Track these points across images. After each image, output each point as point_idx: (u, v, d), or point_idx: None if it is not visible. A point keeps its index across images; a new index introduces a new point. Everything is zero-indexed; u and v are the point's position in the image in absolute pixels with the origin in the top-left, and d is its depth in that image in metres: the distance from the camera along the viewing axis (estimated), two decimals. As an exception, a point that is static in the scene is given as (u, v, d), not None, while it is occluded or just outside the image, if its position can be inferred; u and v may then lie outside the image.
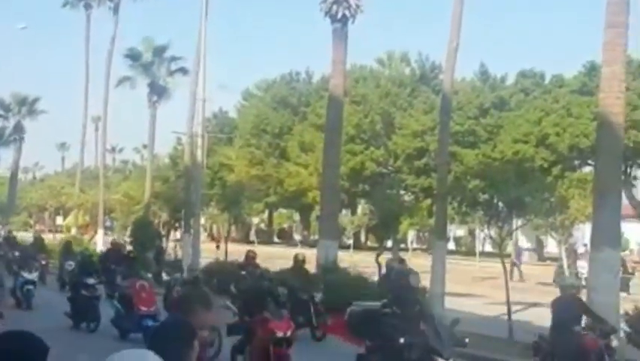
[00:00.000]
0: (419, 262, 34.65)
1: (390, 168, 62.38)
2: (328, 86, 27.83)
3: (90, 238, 46.74)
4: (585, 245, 33.55)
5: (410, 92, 64.14)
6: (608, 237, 15.00)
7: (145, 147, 69.01)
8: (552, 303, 11.80)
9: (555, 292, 19.63)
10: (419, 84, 65.14)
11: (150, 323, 14.45)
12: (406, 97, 63.48)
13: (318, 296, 16.94)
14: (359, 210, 65.04)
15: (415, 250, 50.77)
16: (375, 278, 20.38)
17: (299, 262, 18.05)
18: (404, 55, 68.69)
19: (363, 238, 65.52)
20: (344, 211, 58.04)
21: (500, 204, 16.92)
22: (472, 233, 62.45)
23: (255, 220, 79.46)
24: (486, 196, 17.36)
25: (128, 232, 39.83)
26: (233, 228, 55.55)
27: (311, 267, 22.30)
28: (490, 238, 18.02)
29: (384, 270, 17.77)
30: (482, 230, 22.57)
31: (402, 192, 54.84)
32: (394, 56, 68.91)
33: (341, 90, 24.60)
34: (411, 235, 55.90)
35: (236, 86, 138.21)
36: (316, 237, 39.65)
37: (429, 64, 67.06)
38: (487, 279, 30.99)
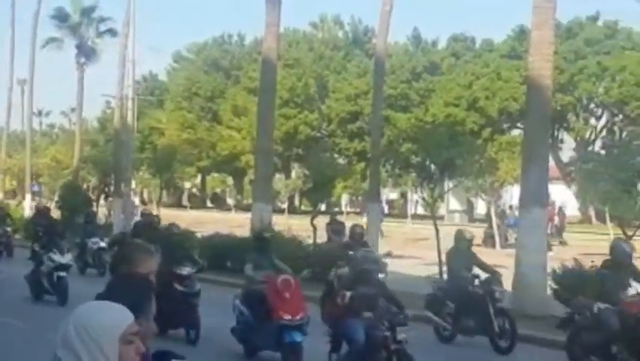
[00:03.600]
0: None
1: (323, 131, 62.50)
2: (261, 49, 27.61)
3: (17, 203, 45.74)
4: (511, 207, 34.30)
5: (344, 55, 64.15)
6: (535, 198, 15.35)
7: (73, 110, 67.51)
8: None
9: (485, 253, 20.05)
10: (352, 48, 65.17)
11: (297, 337, 10.38)
12: (339, 60, 63.50)
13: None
14: (293, 174, 65.09)
15: (348, 213, 51.14)
16: (310, 241, 20.49)
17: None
18: (337, 18, 68.60)
19: (297, 202, 65.67)
20: (278, 175, 58.01)
21: (432, 166, 17.16)
22: (404, 196, 63.19)
23: (188, 185, 78.91)
24: (418, 159, 17.57)
25: (56, 197, 39.13)
26: (164, 193, 55.08)
27: (245, 231, 22.31)
28: (423, 199, 18.27)
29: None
30: (415, 192, 22.88)
31: (336, 155, 55.05)
32: (327, 20, 68.72)
33: (274, 53, 24.43)
34: (345, 198, 56.27)
35: (166, 48, 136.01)
36: (250, 201, 39.61)
37: (362, 27, 67.12)
38: (420, 240, 31.47)
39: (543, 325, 13.03)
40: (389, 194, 67.31)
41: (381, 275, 11.52)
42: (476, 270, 12.71)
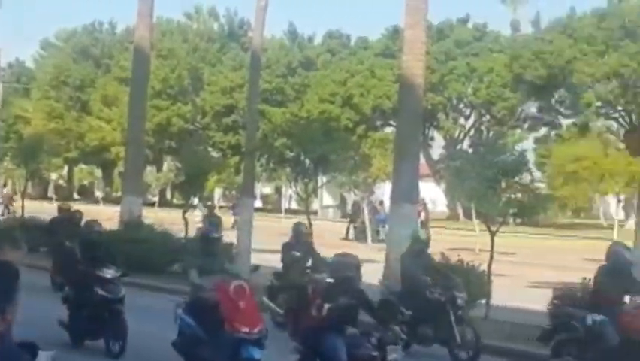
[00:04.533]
0: (227, 220, 34.68)
1: (197, 124, 61.78)
2: (133, 38, 26.93)
3: None
4: (381, 202, 34.93)
5: (219, 48, 63.58)
6: (406, 194, 15.63)
7: None
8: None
9: (356, 247, 20.23)
10: (228, 40, 64.68)
11: (256, 353, 9.03)
12: (214, 53, 62.90)
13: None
14: (165, 166, 64.03)
15: (221, 207, 50.74)
16: (182, 235, 20.20)
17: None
18: (212, 10, 67.90)
19: (169, 195, 64.63)
20: (149, 168, 56.91)
21: (307, 161, 17.20)
22: (278, 191, 63.30)
23: (54, 176, 76.28)
24: (293, 154, 17.58)
25: None
26: (29, 184, 53.01)
27: (114, 223, 21.73)
28: (297, 194, 18.31)
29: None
30: (289, 187, 22.94)
31: (209, 149, 54.53)
32: (202, 11, 67.93)
33: (147, 43, 23.88)
34: (218, 192, 55.82)
35: (34, 35, 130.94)
36: (119, 194, 38.66)
37: (238, 20, 66.70)
38: (292, 235, 31.50)
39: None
40: (263, 188, 67.29)
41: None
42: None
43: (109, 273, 11.08)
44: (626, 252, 9.63)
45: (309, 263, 13.15)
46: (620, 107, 50.87)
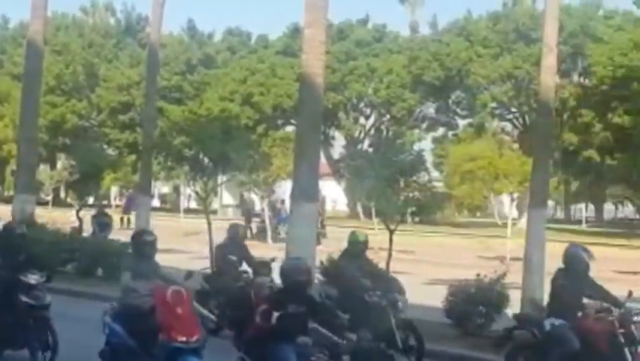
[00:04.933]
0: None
1: (93, 121, 60.29)
2: (27, 33, 26.02)
3: None
4: (282, 201, 34.91)
5: (115, 43, 62.25)
6: (306, 193, 15.58)
7: None
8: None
9: (257, 246, 20.05)
10: (125, 36, 63.39)
11: None
12: (110, 49, 61.53)
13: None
14: (59, 164, 62.19)
15: (117, 206, 49.68)
16: (80, 234, 19.70)
17: None
18: (109, 5, 66.36)
19: (63, 194, 62.83)
20: (42, 166, 55.18)
21: (206, 160, 16.96)
22: (177, 190, 62.44)
23: (-60, 175, 73.12)
24: (192, 152, 17.30)
25: None
26: None
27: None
28: (196, 193, 18.04)
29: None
30: (188, 186, 22.60)
31: (105, 146, 53.29)
32: (99, 6, 66.31)
33: (41, 37, 23.09)
34: (114, 191, 54.61)
35: None
36: (11, 192, 37.33)
37: (135, 15, 65.45)
38: (191, 235, 31.15)
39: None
40: (161, 188, 66.26)
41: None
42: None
43: (33, 278, 10.35)
44: (584, 253, 9.26)
45: (244, 267, 12.55)
46: (514, 109, 52.38)
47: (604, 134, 42.40)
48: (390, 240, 14.10)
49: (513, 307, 12.89)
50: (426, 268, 23.78)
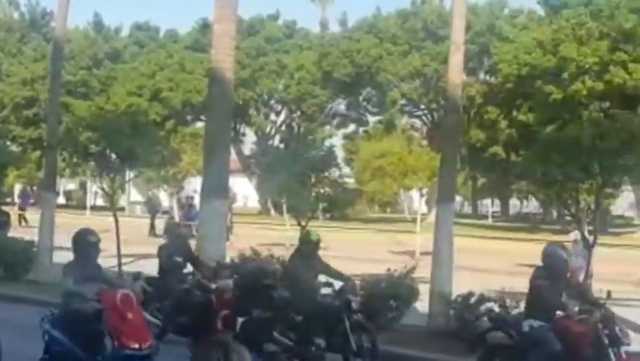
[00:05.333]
0: (32, 217, 32.96)
1: (-5, 117, 58.41)
2: None
3: None
4: (192, 197, 34.46)
5: (19, 38, 60.41)
6: (216, 189, 15.40)
7: None
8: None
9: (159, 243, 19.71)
10: (29, 30, 61.56)
11: None
12: (14, 43, 59.67)
13: None
14: (-41, 161, 60.10)
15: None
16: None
17: None
18: (12, -2, 64.36)
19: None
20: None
21: (113, 156, 16.59)
22: (83, 186, 61.06)
23: None
24: (98, 148, 16.89)
25: None
26: None
27: None
28: (103, 190, 17.64)
29: None
30: (94, 183, 22.07)
31: (8, 142, 51.61)
32: (1, 0, 64.22)
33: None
34: (17, 188, 53.03)
35: None
36: None
37: (40, 9, 63.65)
38: (100, 232, 30.45)
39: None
40: (67, 184, 64.69)
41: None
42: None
43: None
44: (563, 252, 8.91)
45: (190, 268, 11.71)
46: (423, 106, 53.19)
47: (509, 131, 43.49)
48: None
49: (423, 301, 13.07)
50: (338, 264, 23.76)
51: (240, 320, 7.38)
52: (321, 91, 52.77)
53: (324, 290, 10.41)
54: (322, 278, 10.89)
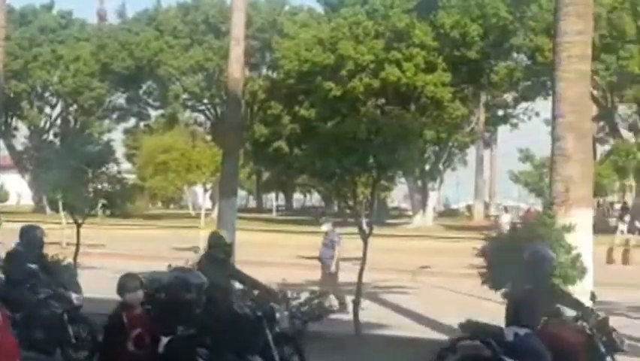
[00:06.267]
0: None
1: None
2: None
3: None
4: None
5: None
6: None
7: None
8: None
9: None
10: None
11: None
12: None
13: None
14: None
15: None
16: None
17: None
18: None
19: None
20: None
21: None
22: None
23: None
24: None
25: None
26: None
27: None
28: None
29: None
30: None
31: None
32: None
33: None
34: None
35: None
36: None
37: None
38: None
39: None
40: None
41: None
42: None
43: None
44: (551, 252, 8.16)
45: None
46: (205, 100, 52.96)
47: (292, 126, 44.26)
48: (78, 233, 13.52)
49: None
50: (117, 261, 23.14)
51: (165, 339, 6.46)
52: (99, 84, 51.10)
53: (238, 298, 9.12)
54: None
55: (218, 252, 9.46)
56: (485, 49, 41.47)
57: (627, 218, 37.47)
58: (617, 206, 45.33)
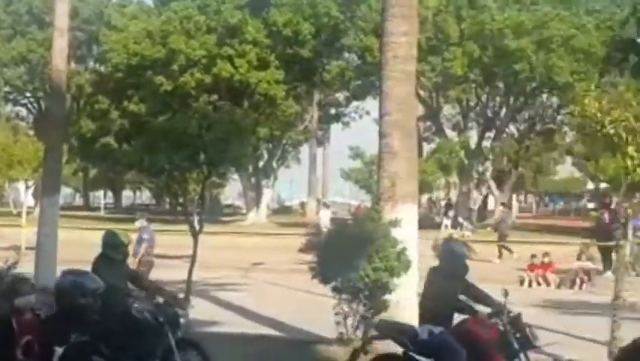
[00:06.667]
0: None
1: None
2: None
3: None
4: None
5: None
6: None
7: None
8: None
9: None
10: None
11: None
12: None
13: None
14: None
15: None
16: None
17: None
18: None
19: None
20: None
21: None
22: None
23: None
24: None
25: None
26: None
27: None
28: None
29: None
30: None
31: None
32: None
33: None
34: None
35: None
36: None
37: None
38: None
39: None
40: None
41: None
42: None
43: None
44: (464, 249, 8.11)
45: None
46: (28, 94, 50.82)
47: (121, 121, 43.05)
48: None
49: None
50: None
51: (59, 349, 5.99)
52: None
53: (139, 302, 8.54)
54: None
55: (115, 253, 8.87)
56: (318, 47, 42.03)
57: (451, 213, 39.24)
58: (443, 203, 47.34)
